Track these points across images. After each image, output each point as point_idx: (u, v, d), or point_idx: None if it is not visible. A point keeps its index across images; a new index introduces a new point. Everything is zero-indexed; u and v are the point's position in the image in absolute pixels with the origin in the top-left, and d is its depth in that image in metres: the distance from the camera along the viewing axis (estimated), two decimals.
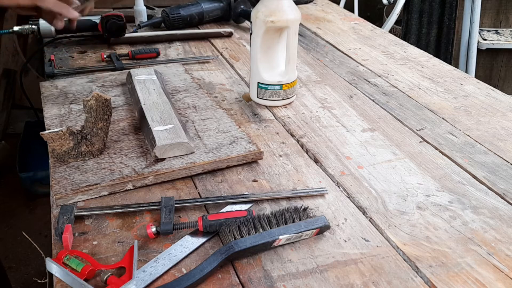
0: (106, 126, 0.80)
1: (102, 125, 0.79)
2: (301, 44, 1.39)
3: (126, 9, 1.53)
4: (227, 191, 0.76)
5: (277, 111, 1.01)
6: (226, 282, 0.59)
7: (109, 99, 0.78)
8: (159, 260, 0.61)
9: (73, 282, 0.57)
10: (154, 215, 0.70)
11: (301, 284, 0.59)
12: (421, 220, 0.70)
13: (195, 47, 1.35)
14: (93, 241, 0.65)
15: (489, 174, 0.81)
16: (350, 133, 0.93)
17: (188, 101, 0.99)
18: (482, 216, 0.71)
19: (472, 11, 2.46)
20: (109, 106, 0.79)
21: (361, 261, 0.63)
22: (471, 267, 0.62)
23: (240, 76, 1.18)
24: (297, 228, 0.64)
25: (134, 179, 0.75)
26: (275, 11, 0.95)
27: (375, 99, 1.07)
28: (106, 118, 0.79)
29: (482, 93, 1.10)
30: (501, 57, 2.81)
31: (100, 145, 0.80)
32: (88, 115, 0.78)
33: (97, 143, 0.80)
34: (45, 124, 0.90)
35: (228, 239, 0.63)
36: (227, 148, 0.83)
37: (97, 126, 0.79)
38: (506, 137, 0.92)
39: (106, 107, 0.79)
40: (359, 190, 0.77)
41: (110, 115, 0.80)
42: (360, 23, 1.60)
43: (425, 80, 1.17)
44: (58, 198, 0.71)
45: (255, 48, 0.99)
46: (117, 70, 1.16)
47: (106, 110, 0.79)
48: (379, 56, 1.31)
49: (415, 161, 0.84)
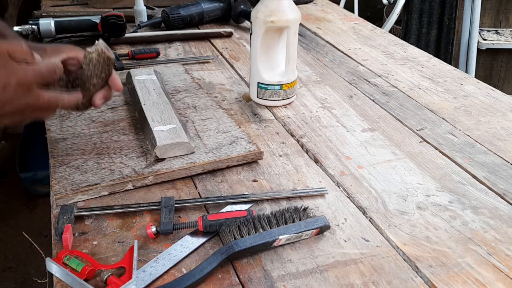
0: (100, 84, 0.75)
1: (96, 82, 0.74)
2: (301, 44, 1.39)
3: (126, 9, 1.53)
4: (227, 191, 0.76)
5: (277, 111, 1.01)
6: (226, 282, 0.59)
7: (112, 58, 0.74)
8: (159, 260, 0.61)
9: (73, 282, 0.57)
10: (154, 215, 0.70)
11: (301, 284, 0.59)
12: (421, 220, 0.70)
13: (195, 47, 1.35)
14: (93, 241, 0.65)
15: (489, 174, 0.81)
16: (350, 133, 0.93)
17: (188, 101, 0.99)
18: (482, 216, 0.71)
19: (472, 11, 2.46)
20: (110, 66, 0.74)
21: (361, 261, 0.63)
22: (471, 267, 0.62)
23: (240, 76, 1.18)
24: (297, 228, 0.64)
25: (134, 179, 0.75)
26: (275, 11, 0.95)
27: (375, 99, 1.07)
28: (103, 76, 0.74)
29: (482, 93, 1.10)
30: (501, 57, 2.81)
31: (86, 101, 0.75)
32: (85, 67, 0.73)
33: (85, 98, 0.74)
34: (45, 124, 0.90)
35: (228, 239, 0.63)
36: (227, 148, 0.83)
37: (90, 81, 0.74)
38: (506, 137, 0.92)
39: (107, 66, 0.74)
40: (359, 190, 0.77)
41: (109, 75, 0.75)
42: (360, 23, 1.60)
43: (425, 80, 1.17)
44: (58, 198, 0.71)
45: (255, 48, 0.99)
46: (117, 70, 1.16)
47: (106, 68, 0.74)
48: (379, 56, 1.31)
49: (415, 161, 0.84)
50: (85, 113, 0.94)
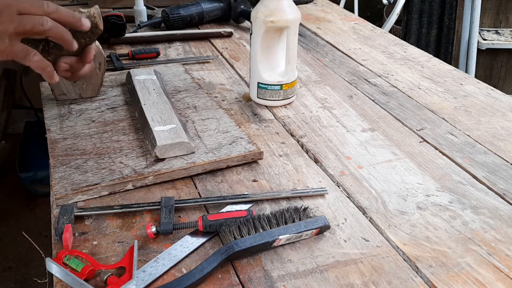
0: (77, 51, 0.70)
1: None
2: (301, 44, 1.39)
3: (126, 9, 1.53)
4: (227, 191, 0.76)
5: (277, 111, 1.01)
6: (226, 282, 0.59)
7: (100, 28, 0.71)
8: (159, 260, 0.61)
9: (73, 282, 0.57)
10: (154, 215, 0.70)
11: (301, 284, 0.59)
12: (421, 220, 0.70)
13: (195, 47, 1.35)
14: (93, 241, 0.65)
15: (489, 174, 0.81)
16: (350, 133, 0.93)
17: (188, 101, 0.99)
18: (482, 216, 0.71)
19: (472, 11, 2.46)
20: (94, 34, 0.70)
21: (361, 261, 0.63)
22: (471, 267, 0.62)
23: (240, 76, 1.18)
24: (297, 228, 0.64)
25: (134, 179, 0.75)
26: (275, 11, 0.95)
27: (375, 99, 1.07)
28: (82, 42, 0.70)
29: (482, 93, 1.10)
30: (501, 57, 2.81)
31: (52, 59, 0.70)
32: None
33: (52, 56, 0.70)
34: (45, 124, 0.90)
35: (228, 239, 0.63)
36: (227, 148, 0.83)
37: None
38: (506, 137, 0.92)
39: (91, 33, 0.70)
40: (359, 190, 0.77)
41: (88, 42, 0.71)
42: (360, 23, 1.60)
43: (425, 80, 1.17)
44: (58, 198, 0.71)
45: (255, 48, 0.99)
46: (117, 70, 1.16)
47: (89, 35, 0.70)
48: (379, 56, 1.31)
49: (415, 161, 0.84)
50: (85, 113, 0.94)
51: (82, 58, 0.73)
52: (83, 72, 0.74)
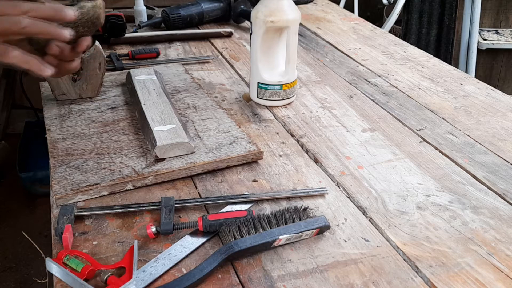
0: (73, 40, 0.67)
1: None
2: (301, 44, 1.39)
3: (126, 9, 1.53)
4: (227, 191, 0.76)
5: (277, 111, 1.01)
6: (226, 282, 0.59)
7: (101, 21, 0.69)
8: (159, 260, 0.61)
9: (73, 282, 0.57)
10: (154, 215, 0.70)
11: (301, 284, 0.59)
12: (421, 220, 0.70)
13: (195, 47, 1.35)
14: (93, 241, 0.65)
15: (489, 174, 0.81)
16: (350, 133, 0.93)
17: (188, 101, 0.99)
18: (482, 216, 0.71)
19: (472, 11, 2.46)
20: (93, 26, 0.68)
21: (361, 261, 0.63)
22: (471, 267, 0.62)
23: (240, 76, 1.18)
24: (297, 228, 0.64)
25: (134, 179, 0.75)
26: (275, 11, 0.95)
27: (375, 99, 1.07)
28: (79, 31, 0.68)
29: (482, 93, 1.10)
30: (501, 57, 2.81)
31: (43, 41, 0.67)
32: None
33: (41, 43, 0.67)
34: (45, 124, 0.90)
35: (228, 239, 0.63)
36: (227, 148, 0.83)
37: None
38: (506, 137, 0.92)
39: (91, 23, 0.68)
40: (359, 190, 0.77)
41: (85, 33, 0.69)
42: (360, 23, 1.60)
43: (425, 80, 1.17)
44: (58, 198, 0.71)
45: (255, 48, 0.99)
46: (117, 70, 1.16)
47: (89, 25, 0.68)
48: (379, 56, 1.31)
49: (415, 161, 0.84)
50: (85, 113, 0.94)
51: (74, 47, 0.70)
52: (71, 66, 0.71)
